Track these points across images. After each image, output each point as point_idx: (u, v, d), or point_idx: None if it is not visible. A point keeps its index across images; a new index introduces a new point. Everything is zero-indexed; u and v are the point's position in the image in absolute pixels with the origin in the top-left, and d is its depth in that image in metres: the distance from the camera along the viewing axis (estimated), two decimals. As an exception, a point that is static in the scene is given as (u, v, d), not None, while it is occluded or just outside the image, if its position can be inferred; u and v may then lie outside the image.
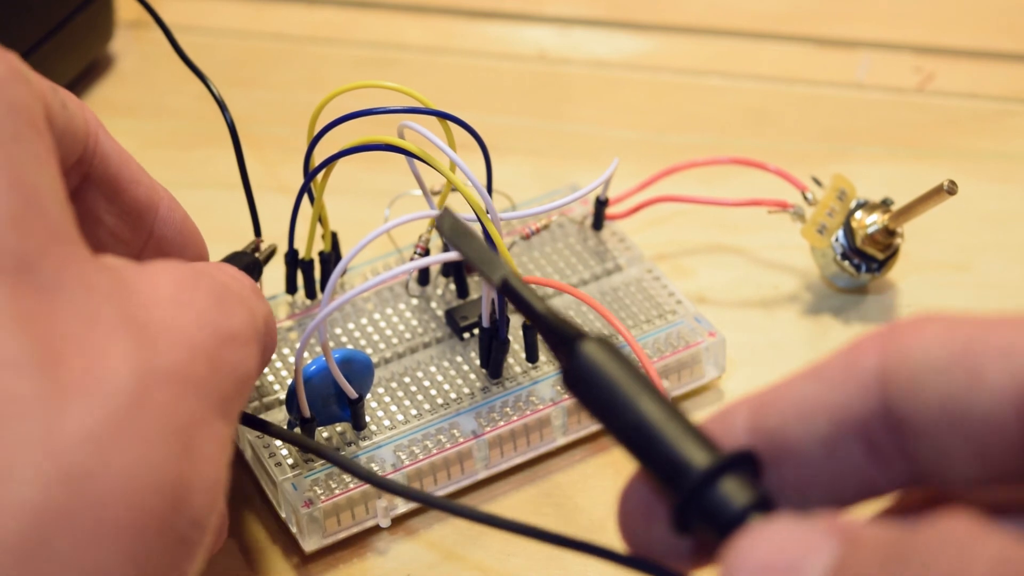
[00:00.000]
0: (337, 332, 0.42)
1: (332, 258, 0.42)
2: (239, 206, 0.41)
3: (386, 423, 0.39)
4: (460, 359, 0.41)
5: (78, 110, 0.31)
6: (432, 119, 0.38)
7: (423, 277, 0.43)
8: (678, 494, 0.23)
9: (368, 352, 0.41)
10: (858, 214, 0.44)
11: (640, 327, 0.42)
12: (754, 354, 0.43)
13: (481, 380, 0.40)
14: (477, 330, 0.41)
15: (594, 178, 0.42)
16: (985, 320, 0.22)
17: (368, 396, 0.40)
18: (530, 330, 0.40)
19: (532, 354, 0.40)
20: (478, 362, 0.41)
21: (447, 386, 0.40)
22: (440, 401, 0.40)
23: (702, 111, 0.53)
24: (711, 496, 0.23)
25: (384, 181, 0.48)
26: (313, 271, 0.42)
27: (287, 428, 0.38)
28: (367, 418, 0.39)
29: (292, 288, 0.43)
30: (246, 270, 0.39)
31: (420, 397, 0.40)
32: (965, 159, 0.50)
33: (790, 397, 0.23)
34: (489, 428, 0.39)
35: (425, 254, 0.42)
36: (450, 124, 0.38)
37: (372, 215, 0.47)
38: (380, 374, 0.40)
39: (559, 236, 0.45)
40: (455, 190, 0.38)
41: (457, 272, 0.42)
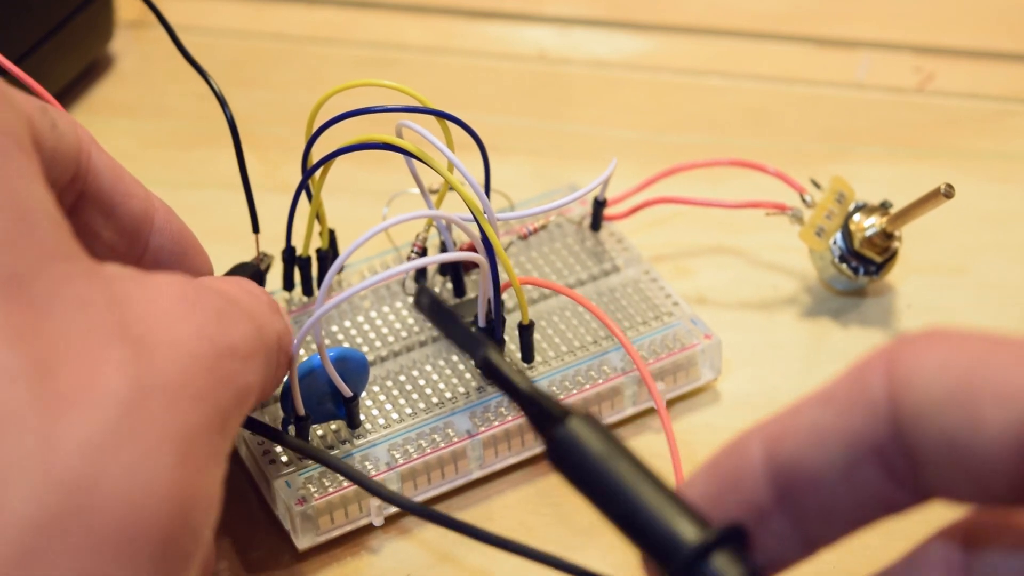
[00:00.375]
0: (333, 330, 0.42)
1: (329, 255, 0.42)
2: (239, 206, 0.41)
3: (380, 422, 0.39)
4: (455, 358, 0.41)
5: (69, 128, 0.31)
6: (431, 119, 0.38)
7: (420, 276, 0.43)
8: (670, 571, 0.24)
9: (364, 350, 0.41)
10: (856, 217, 0.44)
11: (636, 329, 0.42)
12: (751, 356, 0.43)
13: (476, 379, 0.40)
14: (473, 329, 0.41)
15: (594, 178, 0.42)
16: (986, 347, 0.22)
17: (363, 394, 0.40)
18: (526, 330, 0.40)
19: (527, 354, 0.40)
20: (473, 361, 0.40)
21: (442, 385, 0.40)
22: (435, 400, 0.40)
23: (702, 111, 0.53)
24: (702, 573, 0.23)
25: (382, 180, 0.48)
26: (310, 268, 0.42)
27: (281, 426, 0.38)
28: (361, 416, 0.39)
29: (289, 285, 0.43)
30: (251, 279, 0.39)
31: (415, 396, 0.40)
32: (965, 159, 0.50)
33: (803, 425, 0.23)
34: (484, 428, 0.39)
35: (422, 253, 0.42)
36: (448, 124, 0.38)
37: (370, 214, 0.47)
38: (375, 372, 0.40)
39: (557, 236, 0.45)
40: (452, 189, 0.38)
41: (454, 272, 0.42)
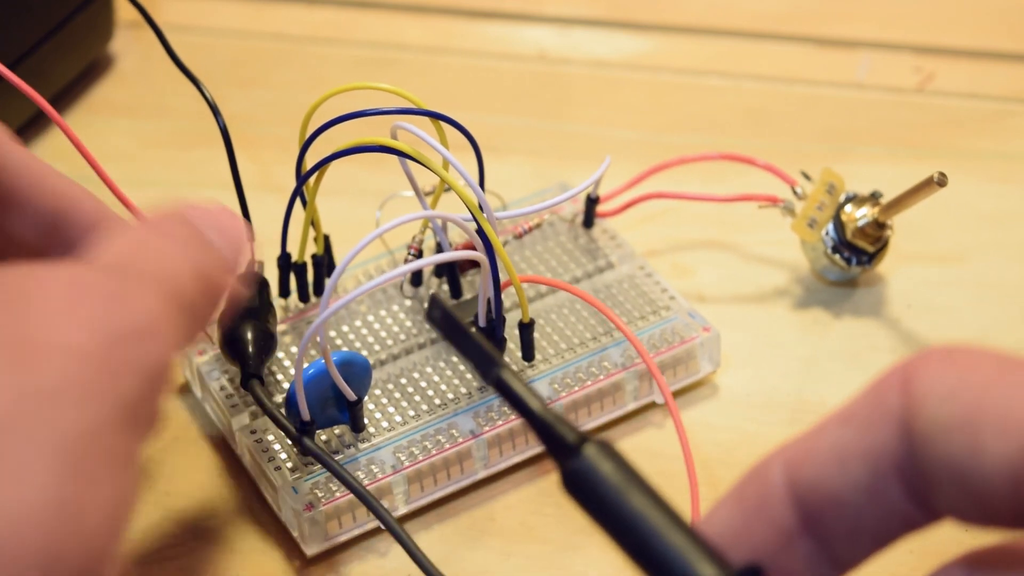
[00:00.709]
0: (332, 335, 0.42)
1: (325, 261, 0.42)
2: (238, 206, 0.41)
3: (384, 425, 0.39)
4: (456, 359, 0.41)
5: None
6: (428, 120, 0.38)
7: (416, 278, 0.43)
8: None
9: (364, 354, 0.41)
10: (848, 207, 0.44)
11: (635, 324, 0.42)
12: (746, 348, 0.43)
13: (478, 380, 0.40)
14: (473, 330, 0.41)
15: (594, 178, 0.42)
16: (995, 374, 0.22)
17: (365, 398, 0.40)
18: (527, 328, 0.40)
19: (528, 353, 0.40)
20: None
21: (444, 387, 0.40)
22: (438, 402, 0.40)
23: (702, 111, 0.53)
24: None
25: (378, 182, 0.48)
26: (306, 274, 0.42)
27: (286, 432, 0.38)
28: (365, 420, 0.39)
29: (285, 292, 0.42)
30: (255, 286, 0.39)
31: (417, 398, 0.40)
32: (965, 159, 0.50)
33: (824, 447, 0.23)
34: (488, 427, 0.39)
35: (419, 255, 0.42)
36: (443, 124, 0.38)
37: (366, 216, 0.47)
38: (376, 376, 0.40)
39: (550, 235, 0.45)
40: (448, 189, 0.38)
41: (450, 272, 0.42)
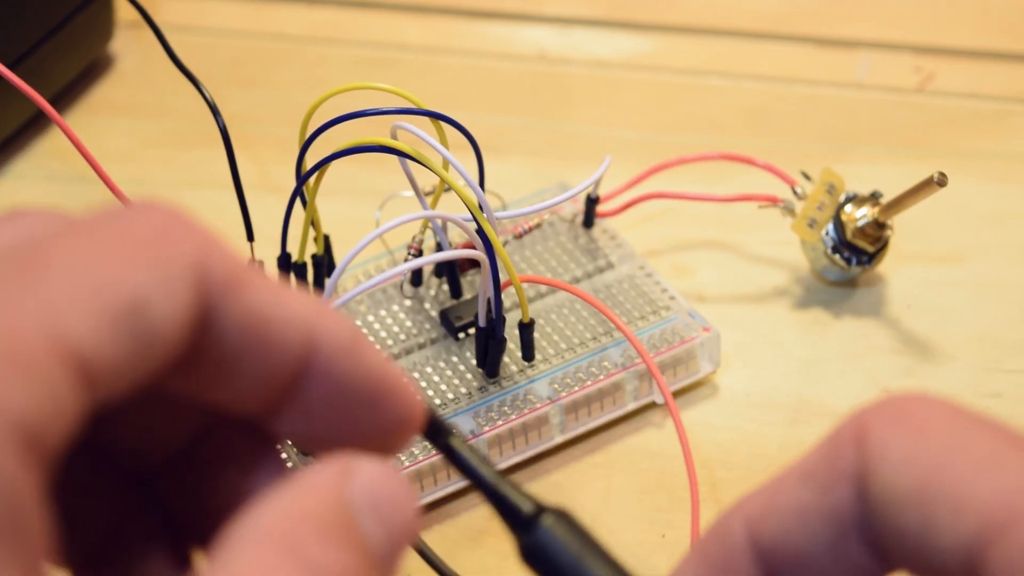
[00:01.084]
0: (334, 332, 0.42)
1: (325, 261, 0.42)
2: (238, 207, 0.42)
3: (382, 423, 0.39)
4: (456, 359, 0.41)
5: (173, 299, 0.21)
6: (427, 120, 0.38)
7: (416, 278, 0.43)
8: None
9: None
10: (848, 207, 0.44)
11: (635, 324, 0.42)
12: (746, 348, 0.43)
13: (478, 380, 0.40)
14: (472, 330, 0.41)
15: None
16: (951, 443, 0.22)
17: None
18: (527, 328, 0.40)
19: (528, 352, 0.41)
20: (474, 362, 0.41)
21: (444, 386, 0.40)
22: (438, 401, 0.40)
23: (702, 111, 0.53)
24: None
25: (378, 182, 0.48)
26: (306, 274, 0.42)
27: None
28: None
29: (286, 291, 0.42)
30: None
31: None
32: (965, 159, 0.50)
33: (785, 505, 0.23)
34: (487, 427, 0.39)
35: (418, 255, 0.42)
36: (443, 124, 0.38)
37: (366, 216, 0.47)
38: (376, 374, 0.40)
39: (550, 235, 0.45)
40: (448, 189, 0.38)
41: (450, 272, 0.42)
